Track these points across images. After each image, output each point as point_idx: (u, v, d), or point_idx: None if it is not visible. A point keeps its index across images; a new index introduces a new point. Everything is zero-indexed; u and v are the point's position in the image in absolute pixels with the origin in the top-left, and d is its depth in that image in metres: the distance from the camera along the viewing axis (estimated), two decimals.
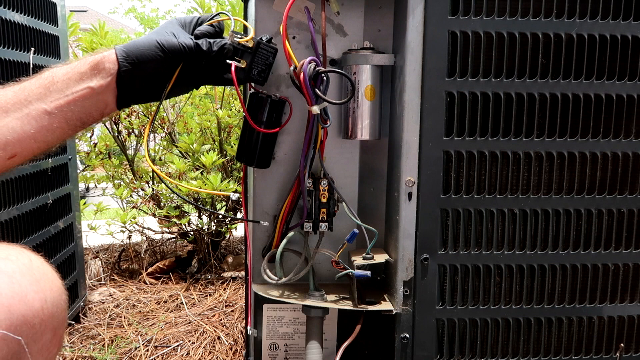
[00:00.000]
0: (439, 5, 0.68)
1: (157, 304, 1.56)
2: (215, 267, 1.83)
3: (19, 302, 0.47)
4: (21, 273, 0.50)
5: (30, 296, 0.49)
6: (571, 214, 0.74)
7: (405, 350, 0.74)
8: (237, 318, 1.45)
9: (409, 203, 0.72)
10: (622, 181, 0.74)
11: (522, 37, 0.70)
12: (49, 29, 1.17)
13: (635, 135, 0.73)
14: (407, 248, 0.73)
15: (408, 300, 0.74)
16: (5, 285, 0.47)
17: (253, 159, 0.75)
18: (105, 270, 1.84)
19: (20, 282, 0.49)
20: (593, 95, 0.72)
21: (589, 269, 0.75)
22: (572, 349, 0.77)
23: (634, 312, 0.77)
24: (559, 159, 0.73)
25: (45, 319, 0.50)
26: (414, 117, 0.71)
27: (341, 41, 0.79)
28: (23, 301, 0.48)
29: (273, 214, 0.81)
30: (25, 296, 0.48)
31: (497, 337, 0.76)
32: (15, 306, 0.47)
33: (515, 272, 0.75)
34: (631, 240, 0.76)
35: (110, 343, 1.31)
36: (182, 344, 1.30)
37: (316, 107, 0.69)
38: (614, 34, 0.71)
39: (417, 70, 0.70)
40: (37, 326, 0.49)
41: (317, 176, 0.78)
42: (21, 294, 0.48)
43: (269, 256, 0.79)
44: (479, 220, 0.73)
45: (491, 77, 0.70)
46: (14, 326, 0.46)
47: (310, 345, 0.78)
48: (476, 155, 0.72)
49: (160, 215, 1.74)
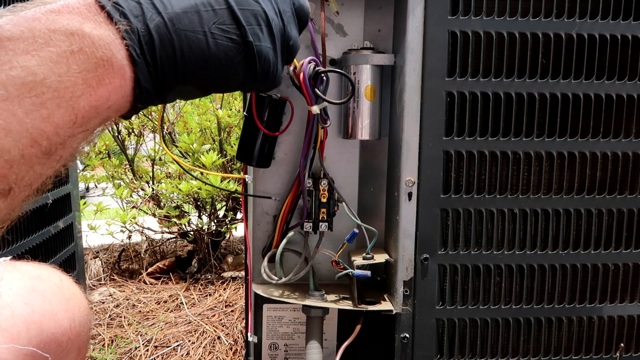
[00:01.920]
0: (439, 5, 0.68)
1: (157, 304, 1.56)
2: (215, 267, 1.83)
3: (49, 320, 0.48)
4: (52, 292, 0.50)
5: (60, 315, 0.49)
6: (571, 214, 0.74)
7: (405, 350, 0.74)
8: (237, 318, 1.45)
9: (409, 203, 0.72)
10: (622, 181, 0.74)
11: (522, 37, 0.70)
12: None
13: (635, 135, 0.73)
14: (407, 248, 0.73)
15: (408, 300, 0.74)
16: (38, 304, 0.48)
17: (253, 158, 0.75)
18: (105, 270, 1.84)
19: (51, 300, 0.49)
20: (593, 95, 0.72)
21: (589, 269, 0.75)
22: (572, 349, 0.77)
23: (634, 312, 0.77)
24: (559, 159, 0.73)
25: (72, 338, 0.50)
26: (414, 117, 0.71)
27: (341, 41, 0.79)
28: (53, 319, 0.48)
29: (273, 214, 0.81)
30: (56, 315, 0.49)
31: (497, 337, 0.76)
32: (45, 324, 0.47)
33: (515, 272, 0.75)
34: (631, 240, 0.76)
35: (110, 343, 1.31)
36: (182, 344, 1.30)
37: (316, 107, 0.69)
38: (614, 34, 0.71)
39: (417, 70, 0.70)
40: (65, 344, 0.49)
41: (317, 176, 0.78)
42: (52, 313, 0.48)
43: (269, 256, 0.79)
44: (479, 220, 0.73)
45: (491, 77, 0.70)
46: (44, 343, 0.46)
47: (310, 345, 0.78)
48: (476, 155, 0.72)
49: (160, 215, 1.74)
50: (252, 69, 0.43)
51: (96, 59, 0.34)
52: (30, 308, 0.47)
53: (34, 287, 0.49)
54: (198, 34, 0.39)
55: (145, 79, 0.37)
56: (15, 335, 0.43)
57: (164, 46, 0.38)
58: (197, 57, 0.39)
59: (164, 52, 0.38)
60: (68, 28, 0.33)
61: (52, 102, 0.32)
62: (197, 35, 0.39)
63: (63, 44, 0.33)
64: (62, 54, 0.33)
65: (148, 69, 0.37)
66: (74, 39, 0.33)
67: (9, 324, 0.44)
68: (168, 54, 0.38)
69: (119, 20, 0.35)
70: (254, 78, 0.44)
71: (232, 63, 0.41)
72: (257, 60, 0.43)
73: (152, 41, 0.37)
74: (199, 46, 0.39)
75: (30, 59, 0.32)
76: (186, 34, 0.38)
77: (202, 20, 0.39)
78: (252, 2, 0.42)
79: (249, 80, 0.44)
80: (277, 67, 0.46)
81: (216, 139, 1.82)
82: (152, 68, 0.37)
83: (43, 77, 0.32)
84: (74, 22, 0.34)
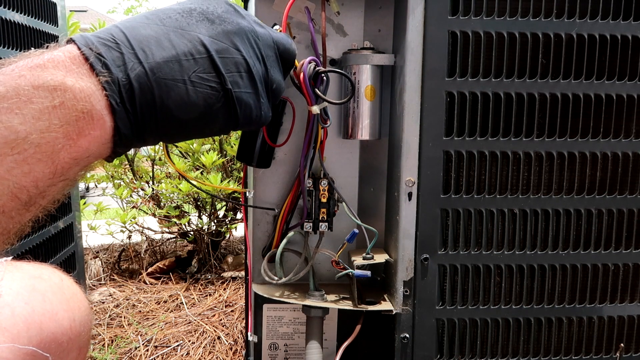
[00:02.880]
0: (439, 5, 0.68)
1: (157, 304, 1.56)
2: (215, 267, 1.83)
3: (50, 320, 0.48)
4: (52, 292, 0.50)
5: (61, 315, 0.49)
6: (571, 214, 0.74)
7: (405, 350, 0.74)
8: (237, 318, 1.45)
9: (409, 203, 0.72)
10: (622, 181, 0.74)
11: (522, 37, 0.70)
12: (49, 28, 1.17)
13: (635, 135, 0.73)
14: (407, 248, 0.73)
15: (408, 300, 0.74)
16: (38, 303, 0.48)
17: (253, 158, 0.75)
18: (105, 270, 1.84)
19: (51, 300, 0.49)
20: (593, 95, 0.72)
21: (589, 269, 0.75)
22: (572, 349, 0.77)
23: (634, 312, 0.77)
24: (559, 159, 0.73)
25: (72, 338, 0.51)
26: (414, 117, 0.71)
27: (341, 41, 0.79)
28: (53, 319, 0.48)
29: (273, 214, 0.81)
30: (56, 314, 0.49)
31: (497, 337, 0.76)
32: (46, 324, 0.47)
33: (515, 272, 0.75)
34: (631, 240, 0.76)
35: (110, 343, 1.31)
36: (182, 344, 1.30)
37: (316, 107, 0.69)
38: (614, 34, 0.71)
39: (417, 70, 0.70)
40: (65, 344, 0.49)
41: (317, 176, 0.78)
42: (52, 312, 0.49)
43: (269, 256, 0.79)
44: (479, 220, 0.73)
45: (491, 77, 0.70)
46: (44, 343, 0.46)
47: (310, 345, 0.78)
48: (476, 155, 0.72)
49: (160, 215, 1.74)
50: (232, 114, 0.44)
51: (77, 111, 0.35)
52: (30, 307, 0.47)
53: (35, 286, 0.49)
54: (178, 82, 0.40)
55: (124, 126, 0.38)
56: (15, 335, 0.43)
57: (144, 94, 0.39)
58: (176, 104, 0.40)
59: (143, 99, 0.39)
60: (51, 83, 0.34)
61: (33, 157, 0.33)
62: (176, 84, 0.40)
63: (45, 99, 0.34)
64: (44, 110, 0.33)
65: (127, 116, 0.38)
66: (57, 93, 0.34)
67: (9, 324, 0.44)
68: (148, 101, 0.39)
69: (101, 71, 0.37)
70: (236, 122, 0.45)
71: (212, 110, 0.43)
72: (238, 106, 0.44)
73: (132, 90, 0.38)
74: (178, 94, 0.40)
75: (14, 118, 0.32)
76: (166, 82, 0.40)
77: (182, 69, 0.40)
78: (233, 51, 0.43)
79: (230, 124, 0.45)
80: (260, 110, 0.47)
81: (216, 139, 1.82)
82: (131, 115, 0.39)
83: (25, 135, 0.33)
84: (57, 76, 0.35)
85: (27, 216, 0.36)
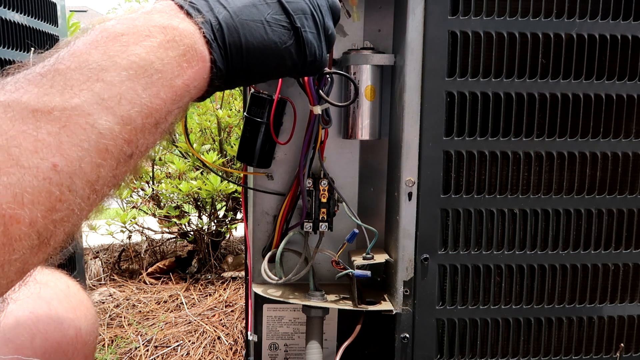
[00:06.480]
0: (439, 5, 0.68)
1: (157, 304, 1.56)
2: (215, 267, 1.83)
3: (55, 329, 0.48)
4: (58, 300, 0.50)
5: (66, 324, 0.49)
6: (571, 214, 0.74)
7: (405, 350, 0.74)
8: (237, 318, 1.45)
9: (409, 203, 0.72)
10: (622, 181, 0.74)
11: (522, 37, 0.70)
12: (49, 29, 1.17)
13: (635, 135, 0.73)
14: (407, 248, 0.73)
15: (408, 300, 0.74)
16: (43, 312, 0.47)
17: (254, 158, 0.75)
18: (105, 270, 1.84)
19: (57, 308, 0.49)
20: (593, 95, 0.72)
21: (589, 269, 0.75)
22: (572, 349, 0.77)
23: (634, 312, 0.77)
24: (559, 159, 0.73)
25: (78, 347, 0.50)
26: (414, 117, 0.71)
27: (341, 41, 0.79)
28: (59, 329, 0.48)
29: (273, 214, 0.81)
30: (62, 324, 0.49)
31: (497, 337, 0.76)
32: (50, 333, 0.47)
33: (515, 272, 0.75)
34: (631, 240, 0.76)
35: (110, 343, 1.31)
36: (182, 344, 1.30)
37: (318, 108, 0.69)
38: (614, 34, 0.71)
39: (417, 70, 0.70)
40: (70, 353, 0.49)
41: (317, 176, 0.78)
42: (57, 321, 0.48)
43: (269, 256, 0.79)
44: (479, 220, 0.73)
45: (491, 77, 0.70)
46: (48, 353, 0.46)
47: (310, 345, 0.78)
48: (476, 155, 0.72)
49: (160, 215, 1.74)
50: (301, 51, 0.51)
51: (184, 46, 0.42)
52: (35, 317, 0.46)
53: (40, 294, 0.49)
54: (257, 23, 0.47)
55: (219, 60, 0.45)
56: (19, 345, 0.43)
57: (231, 33, 0.45)
58: (257, 42, 0.47)
59: (231, 38, 0.45)
60: (161, 23, 0.41)
61: (159, 81, 0.40)
62: (256, 24, 0.47)
63: (160, 35, 0.41)
64: (160, 44, 0.40)
65: (220, 52, 0.45)
66: (167, 31, 0.41)
67: (13, 334, 0.43)
68: (235, 39, 0.46)
69: (196, 14, 0.44)
70: (305, 59, 0.52)
71: (285, 46, 0.50)
72: (305, 43, 0.51)
73: (222, 29, 0.45)
74: (258, 32, 0.47)
75: (139, 49, 0.39)
76: (247, 22, 0.47)
77: (259, 12, 0.48)
78: None
79: (300, 61, 0.52)
80: (321, 51, 0.54)
81: (216, 139, 1.82)
82: (223, 51, 0.45)
83: (151, 62, 0.39)
84: (164, 19, 0.42)
85: (155, 137, 0.41)
